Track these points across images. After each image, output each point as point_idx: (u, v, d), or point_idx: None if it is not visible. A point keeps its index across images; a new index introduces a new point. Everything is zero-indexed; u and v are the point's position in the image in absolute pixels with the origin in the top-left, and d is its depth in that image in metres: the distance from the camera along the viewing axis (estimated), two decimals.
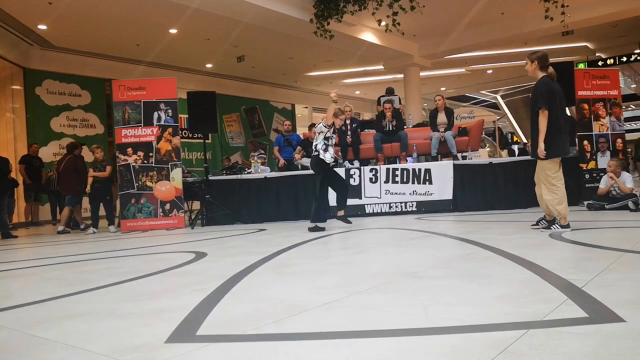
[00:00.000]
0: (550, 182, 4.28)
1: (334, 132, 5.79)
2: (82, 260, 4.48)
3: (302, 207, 7.53)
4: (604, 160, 7.10)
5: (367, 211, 7.31)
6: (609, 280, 2.35)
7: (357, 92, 19.86)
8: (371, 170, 7.33)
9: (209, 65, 14.48)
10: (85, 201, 8.84)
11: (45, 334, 2.06)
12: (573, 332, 1.66)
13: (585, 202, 6.60)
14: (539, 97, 4.19)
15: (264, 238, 5.42)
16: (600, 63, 15.36)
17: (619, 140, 7.40)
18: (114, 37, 11.37)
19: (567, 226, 4.32)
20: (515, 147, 17.39)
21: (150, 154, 7.78)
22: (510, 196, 7.07)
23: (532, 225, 4.69)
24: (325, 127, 5.70)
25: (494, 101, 23.93)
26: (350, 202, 7.29)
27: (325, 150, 5.72)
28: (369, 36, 11.96)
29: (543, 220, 4.52)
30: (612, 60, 15.24)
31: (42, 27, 10.50)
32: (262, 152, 10.55)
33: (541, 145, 4.18)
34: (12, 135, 11.20)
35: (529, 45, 13.59)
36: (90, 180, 7.89)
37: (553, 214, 4.35)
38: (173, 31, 11.19)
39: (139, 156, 7.75)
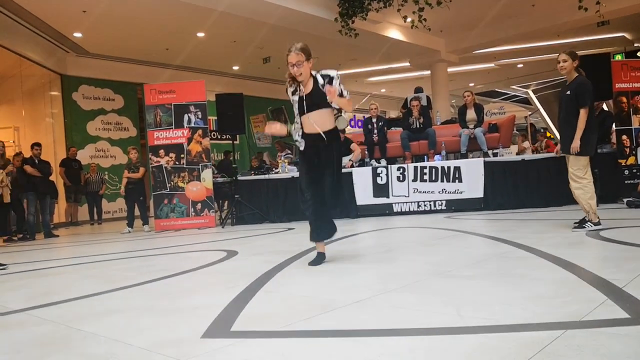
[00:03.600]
0: (580, 176, 4.26)
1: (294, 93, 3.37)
2: (120, 259, 4.63)
3: None
4: None
5: (394, 210, 7.26)
6: None
7: (383, 90, 19.74)
8: (399, 169, 7.29)
9: (235, 68, 14.66)
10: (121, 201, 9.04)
11: (89, 328, 2.15)
12: (614, 333, 1.62)
13: (625, 200, 6.38)
14: (586, 95, 4.19)
15: (293, 237, 5.47)
16: (639, 54, 14.76)
17: None
18: (144, 43, 11.66)
19: (599, 223, 4.25)
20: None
21: (182, 156, 7.93)
22: (543, 194, 6.90)
23: (574, 223, 4.50)
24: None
25: (525, 96, 23.38)
26: (378, 200, 7.31)
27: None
28: (394, 33, 11.87)
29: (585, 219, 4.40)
30: None
31: (77, 34, 10.86)
32: (289, 152, 10.62)
33: (577, 142, 4.17)
34: (52, 139, 11.61)
35: (561, 38, 13.23)
36: (124, 181, 8.11)
37: (585, 209, 4.27)
38: (200, 35, 11.39)
39: (171, 158, 7.92)
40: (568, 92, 4.28)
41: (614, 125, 7.33)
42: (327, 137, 3.28)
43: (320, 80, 3.29)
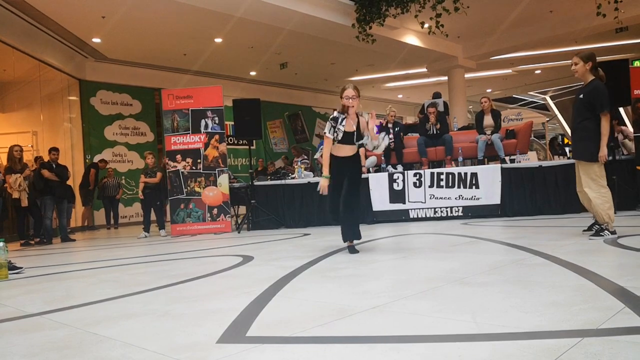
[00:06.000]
0: (600, 184, 4.12)
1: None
2: (136, 263, 4.68)
3: None
4: None
5: (411, 216, 7.23)
6: None
7: (400, 96, 19.70)
8: (415, 175, 7.26)
9: (252, 73, 14.77)
10: (137, 206, 9.14)
11: (105, 332, 2.17)
12: (631, 342, 1.60)
13: None
14: (604, 100, 4.03)
15: (308, 242, 5.47)
16: None
17: None
18: (162, 48, 11.82)
19: (615, 232, 4.14)
20: (567, 150, 16.72)
21: (198, 161, 8.01)
22: (561, 201, 6.81)
23: (583, 230, 4.50)
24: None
25: (542, 102, 23.12)
26: (394, 206, 7.28)
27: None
28: (411, 39, 11.86)
29: (595, 225, 4.33)
30: None
31: (96, 40, 11.05)
32: (305, 157, 10.65)
33: (604, 150, 4.03)
34: (70, 144, 11.81)
35: (579, 44, 13.08)
36: (141, 186, 8.21)
37: (604, 220, 4.12)
38: (218, 40, 11.51)
39: (188, 163, 8.01)
40: (581, 96, 4.14)
41: (631, 132, 7.21)
42: (354, 158, 4.34)
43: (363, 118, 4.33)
